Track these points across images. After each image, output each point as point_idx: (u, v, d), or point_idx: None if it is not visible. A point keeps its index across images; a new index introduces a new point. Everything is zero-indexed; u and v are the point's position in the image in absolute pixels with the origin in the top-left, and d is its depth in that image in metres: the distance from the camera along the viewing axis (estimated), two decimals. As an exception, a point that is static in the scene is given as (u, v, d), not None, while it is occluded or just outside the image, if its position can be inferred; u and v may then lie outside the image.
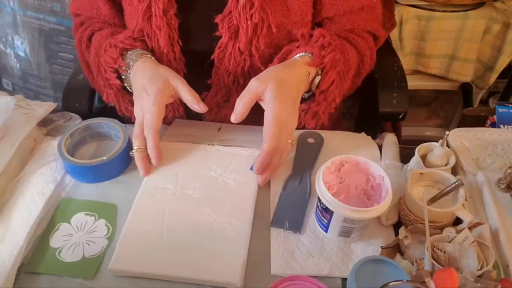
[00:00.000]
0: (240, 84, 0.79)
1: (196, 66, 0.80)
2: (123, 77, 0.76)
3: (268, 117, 0.64)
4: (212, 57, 0.77)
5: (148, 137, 0.68)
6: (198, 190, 0.68)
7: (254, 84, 0.65)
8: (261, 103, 0.66)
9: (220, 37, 0.75)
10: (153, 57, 0.76)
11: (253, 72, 0.77)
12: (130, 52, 0.74)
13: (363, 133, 0.81)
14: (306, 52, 0.71)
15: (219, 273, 0.58)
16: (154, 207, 0.66)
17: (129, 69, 0.73)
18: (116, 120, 0.77)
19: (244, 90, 0.65)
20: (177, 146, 0.76)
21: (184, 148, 0.75)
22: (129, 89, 0.78)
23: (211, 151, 0.75)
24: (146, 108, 0.68)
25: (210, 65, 0.79)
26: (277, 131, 0.64)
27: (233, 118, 0.65)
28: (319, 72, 0.71)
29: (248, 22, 0.72)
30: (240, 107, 0.64)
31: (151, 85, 0.69)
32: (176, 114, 0.84)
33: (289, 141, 0.68)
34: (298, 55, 0.72)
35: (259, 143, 0.70)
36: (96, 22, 0.83)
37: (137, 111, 0.71)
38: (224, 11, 0.73)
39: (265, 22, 0.73)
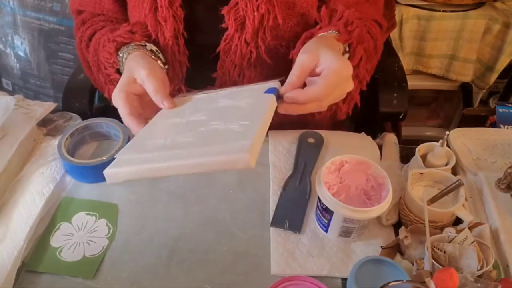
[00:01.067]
0: (245, 76, 0.79)
1: (201, 59, 0.79)
2: (121, 71, 0.75)
3: (330, 67, 0.59)
4: (218, 49, 0.77)
5: (128, 124, 0.64)
6: (207, 115, 0.60)
7: (304, 58, 0.60)
8: (315, 71, 0.62)
9: (226, 29, 0.75)
10: (144, 49, 0.73)
11: (259, 64, 0.77)
12: (124, 47, 0.73)
13: (363, 133, 0.81)
14: (331, 30, 0.70)
15: (227, 151, 0.47)
16: (160, 127, 0.59)
17: (122, 64, 0.72)
18: (116, 120, 0.76)
19: (296, 65, 0.61)
20: (186, 96, 0.70)
21: (194, 97, 0.68)
22: None
23: (220, 92, 0.68)
24: (114, 102, 0.65)
25: (215, 58, 0.79)
26: (333, 83, 0.59)
27: (283, 89, 0.60)
28: (347, 49, 0.70)
29: (255, 13, 0.72)
30: (294, 79, 0.60)
31: (121, 78, 0.67)
32: None
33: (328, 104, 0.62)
34: (324, 33, 0.70)
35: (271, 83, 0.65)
36: (99, 20, 0.82)
37: None
38: (230, 2, 0.73)
39: (271, 14, 0.73)
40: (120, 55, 0.72)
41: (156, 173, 0.49)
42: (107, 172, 0.50)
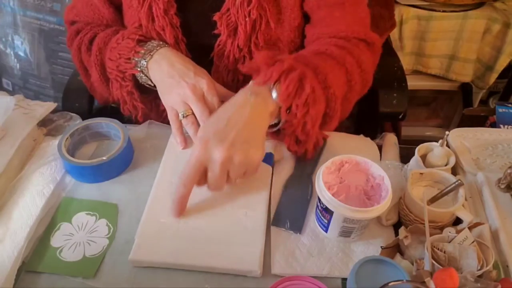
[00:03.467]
0: (239, 81, 0.79)
1: (196, 64, 0.80)
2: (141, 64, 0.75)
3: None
4: (212, 54, 0.77)
5: (214, 100, 0.69)
6: None
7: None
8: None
9: (219, 35, 0.75)
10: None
11: None
12: (148, 42, 0.74)
13: (361, 135, 0.81)
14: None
15: (239, 262, 0.59)
16: (169, 201, 0.66)
17: (151, 53, 0.73)
18: (116, 120, 0.77)
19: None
20: (187, 140, 0.76)
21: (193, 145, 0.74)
22: (144, 82, 0.76)
23: None
24: (200, 75, 0.70)
25: (209, 63, 0.79)
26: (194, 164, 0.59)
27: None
28: (271, 87, 0.62)
29: (246, 19, 0.72)
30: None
31: (200, 69, 0.72)
32: None
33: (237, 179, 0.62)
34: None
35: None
36: (97, 25, 0.83)
37: (182, 87, 0.69)
38: (222, 8, 0.73)
39: (263, 18, 0.73)
40: (147, 45, 0.73)
41: (176, 267, 0.60)
42: (131, 258, 0.59)
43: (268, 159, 0.72)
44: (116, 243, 0.63)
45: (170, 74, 0.71)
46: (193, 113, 0.70)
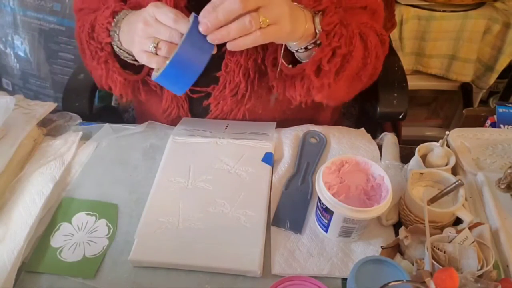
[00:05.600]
0: (250, 78, 0.78)
1: None
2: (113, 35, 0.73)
3: None
4: (224, 49, 0.77)
5: (168, 12, 0.61)
6: (211, 183, 0.70)
7: None
8: None
9: None
10: None
11: (264, 66, 0.77)
12: (122, 12, 0.72)
13: (362, 128, 0.81)
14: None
15: (239, 262, 0.59)
16: (169, 200, 0.67)
17: (119, 23, 0.71)
18: None
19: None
20: (187, 140, 0.77)
21: (195, 143, 0.76)
22: (117, 49, 0.74)
23: (222, 144, 0.76)
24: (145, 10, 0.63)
25: (220, 57, 0.78)
26: None
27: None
28: (317, 13, 0.67)
29: None
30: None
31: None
32: (180, 111, 0.84)
33: (260, 20, 0.58)
34: None
35: (268, 136, 0.74)
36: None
37: (136, 28, 0.64)
38: None
39: None
40: (117, 17, 0.71)
41: (176, 267, 0.60)
42: (131, 258, 0.59)
43: (268, 159, 0.73)
44: (116, 243, 0.63)
45: (128, 29, 0.68)
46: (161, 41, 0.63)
